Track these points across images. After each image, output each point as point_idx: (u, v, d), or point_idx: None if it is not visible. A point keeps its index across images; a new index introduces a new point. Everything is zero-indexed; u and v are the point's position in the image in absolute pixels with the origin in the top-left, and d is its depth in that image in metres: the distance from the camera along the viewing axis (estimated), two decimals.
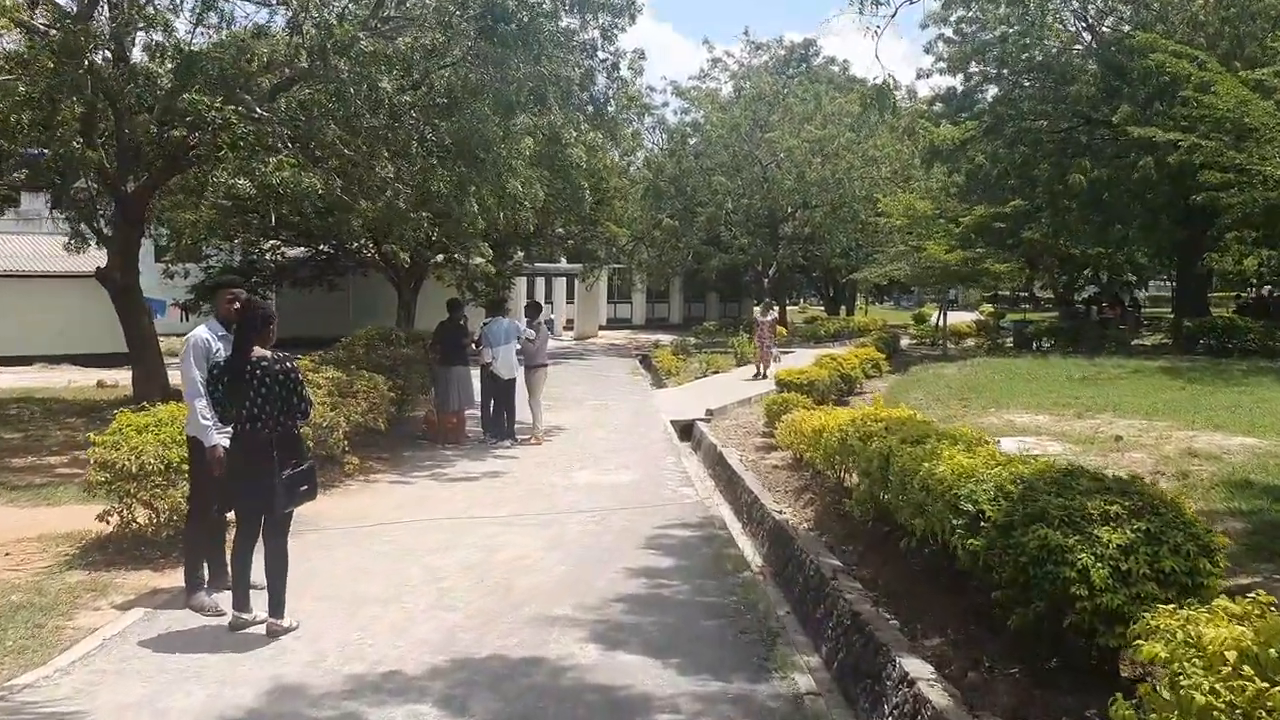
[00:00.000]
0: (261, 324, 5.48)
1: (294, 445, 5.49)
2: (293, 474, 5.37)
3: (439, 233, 23.87)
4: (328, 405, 9.33)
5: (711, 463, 12.36)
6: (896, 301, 74.72)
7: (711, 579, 6.73)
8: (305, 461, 5.52)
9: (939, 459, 6.15)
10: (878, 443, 7.45)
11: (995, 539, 4.65)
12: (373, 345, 13.43)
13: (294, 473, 5.38)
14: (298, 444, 5.55)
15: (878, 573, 6.94)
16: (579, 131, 12.93)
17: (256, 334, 5.47)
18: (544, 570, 6.82)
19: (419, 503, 9.02)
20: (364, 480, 9.95)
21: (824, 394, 15.46)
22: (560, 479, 10.41)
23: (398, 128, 10.89)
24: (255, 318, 5.47)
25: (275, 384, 5.35)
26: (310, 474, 5.50)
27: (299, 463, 5.45)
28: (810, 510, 9.12)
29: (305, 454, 5.61)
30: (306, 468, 5.48)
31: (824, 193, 32.87)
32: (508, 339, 12.59)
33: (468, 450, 12.24)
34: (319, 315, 29.56)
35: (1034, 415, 13.29)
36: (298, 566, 6.72)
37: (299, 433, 5.62)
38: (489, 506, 8.91)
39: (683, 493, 9.95)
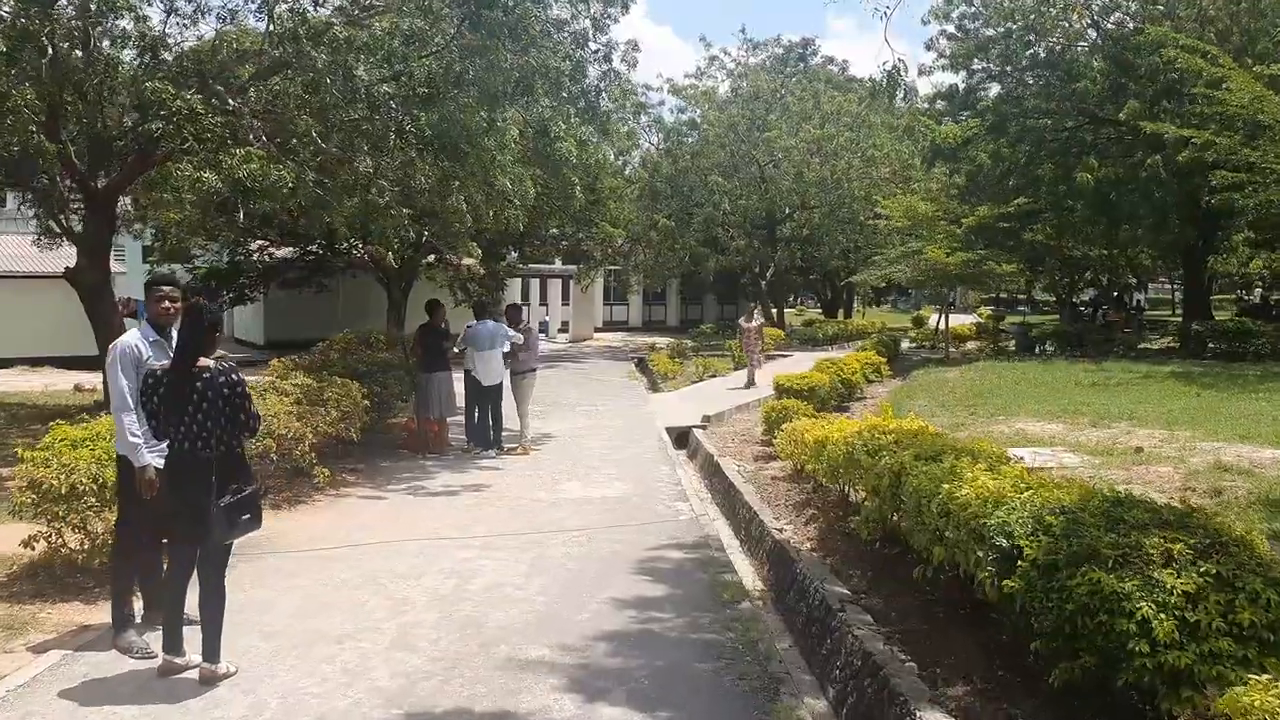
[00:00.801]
0: (208, 329, 4.80)
1: (237, 467, 4.83)
2: (234, 500, 4.71)
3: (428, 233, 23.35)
4: (294, 415, 8.67)
5: (708, 473, 11.73)
6: (894, 304, 74.13)
7: (707, 611, 6.07)
8: (249, 486, 4.85)
9: (960, 480, 5.51)
10: (888, 458, 6.81)
11: (1036, 581, 3.99)
12: (350, 349, 12.76)
13: (236, 499, 4.72)
14: (241, 466, 4.89)
15: (889, 602, 6.30)
16: (569, 125, 12.27)
17: (201, 340, 4.81)
18: (521, 601, 6.16)
19: (391, 521, 8.35)
20: (334, 495, 9.27)
21: (824, 400, 14.85)
22: (546, 494, 9.75)
23: (375, 119, 10.23)
24: (200, 321, 4.79)
25: (219, 398, 4.69)
26: (254, 500, 4.84)
27: (241, 487, 4.79)
28: (813, 528, 8.48)
29: (249, 477, 4.95)
30: (250, 493, 4.82)
31: (822, 193, 32.22)
32: (492, 343, 11.92)
33: (450, 461, 11.57)
34: (308, 317, 28.95)
35: (1045, 424, 12.66)
36: (247, 596, 6.08)
37: (243, 453, 4.96)
38: (466, 525, 8.24)
39: (677, 508, 9.30)
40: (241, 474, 4.85)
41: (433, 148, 11.19)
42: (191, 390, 4.64)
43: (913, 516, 6.03)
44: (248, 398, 4.81)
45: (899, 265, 28.09)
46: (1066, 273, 37.09)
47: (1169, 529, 3.94)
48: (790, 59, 42.18)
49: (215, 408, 4.67)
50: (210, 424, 4.66)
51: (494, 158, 11.74)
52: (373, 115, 10.58)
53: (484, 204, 13.74)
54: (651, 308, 45.35)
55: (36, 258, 20.24)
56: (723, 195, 32.46)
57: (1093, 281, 46.43)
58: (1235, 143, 17.40)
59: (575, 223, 28.38)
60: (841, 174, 31.65)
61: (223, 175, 9.54)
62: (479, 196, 13.28)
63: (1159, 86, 23.33)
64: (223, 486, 4.68)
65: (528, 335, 12.27)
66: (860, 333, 34.08)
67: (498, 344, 11.93)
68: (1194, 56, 18.13)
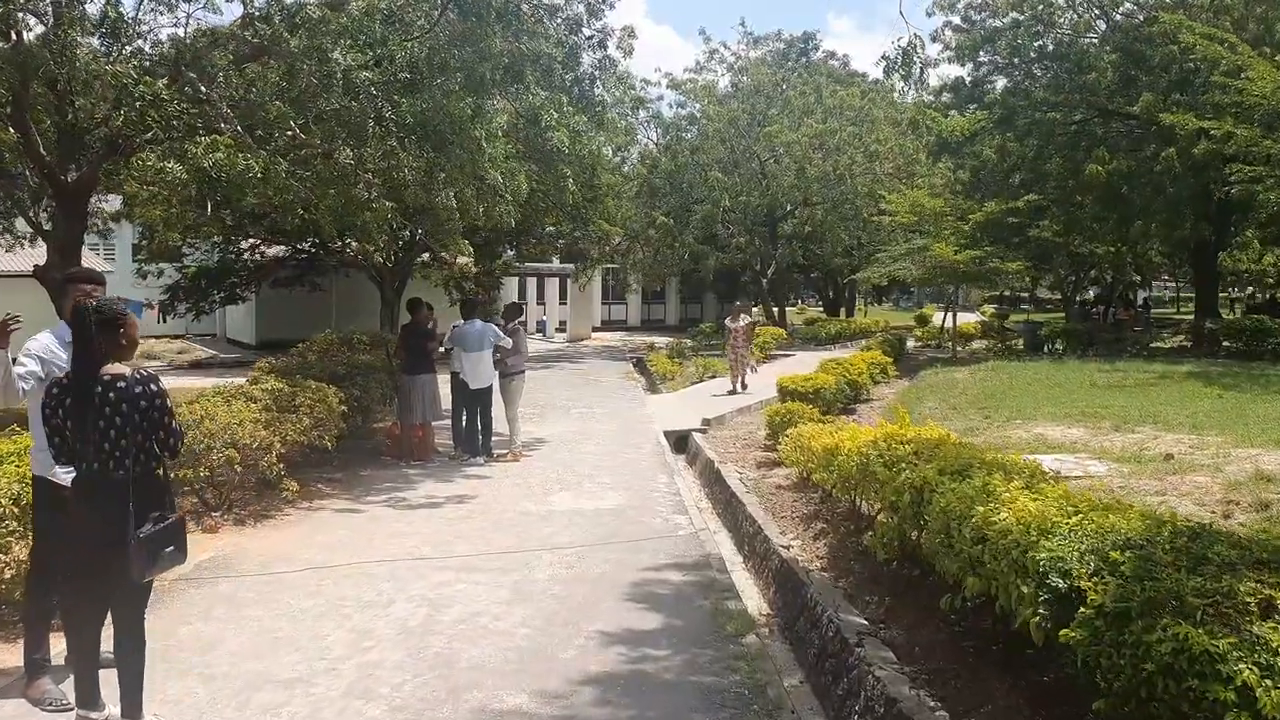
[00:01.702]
0: (106, 329, 4.07)
1: (157, 493, 4.15)
2: (155, 531, 4.02)
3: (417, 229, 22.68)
4: (261, 423, 8.00)
5: (709, 482, 11.07)
6: (896, 302, 73.48)
7: (709, 647, 5.40)
8: (171, 514, 4.17)
9: (996, 501, 4.84)
10: (909, 472, 6.14)
11: (1103, 632, 3.32)
12: (329, 351, 12.07)
13: (157, 529, 4.03)
14: (162, 491, 4.21)
15: (911, 634, 5.64)
16: (562, 114, 11.61)
17: (101, 343, 4.07)
18: (500, 635, 5.49)
19: (364, 538, 7.68)
20: (306, 508, 8.59)
21: (830, 403, 14.19)
22: (535, 505, 9.08)
23: (353, 106, 9.57)
24: (85, 322, 4.05)
25: (135, 411, 4.01)
26: (177, 531, 4.15)
27: (163, 515, 4.11)
28: (822, 544, 7.82)
29: (171, 504, 4.26)
30: (173, 522, 4.13)
31: (825, 189, 31.52)
32: (480, 344, 11.25)
33: (434, 469, 10.91)
34: (301, 317, 28.30)
35: (1065, 428, 11.98)
36: (191, 630, 5.42)
37: (166, 476, 4.28)
38: (446, 543, 7.57)
39: (675, 522, 8.63)
40: (163, 500, 4.18)
41: (415, 137, 10.53)
42: (102, 402, 3.96)
43: (939, 539, 5.36)
44: (168, 412, 4.13)
45: (903, 262, 27.43)
46: (1072, 270, 36.40)
47: (1265, 570, 3.28)
48: (792, 54, 41.51)
49: (130, 422, 3.99)
50: (125, 441, 3.97)
51: (482, 148, 11.08)
52: (350, 102, 9.92)
53: (474, 199, 13.09)
54: (650, 307, 44.68)
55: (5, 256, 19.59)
56: (723, 192, 31.78)
57: (1096, 279, 45.72)
58: (1255, 134, 16.74)
59: (571, 220, 27.72)
60: (844, 169, 30.95)
61: (188, 165, 8.86)
62: (469, 192, 12.63)
63: (1172, 77, 22.64)
64: (141, 514, 4.00)
65: (515, 336, 11.60)
66: (864, 331, 33.43)
67: (486, 345, 11.26)
68: (1213, 44, 17.46)
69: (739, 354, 18.18)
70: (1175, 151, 21.20)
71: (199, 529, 7.59)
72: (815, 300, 63.73)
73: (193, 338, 35.27)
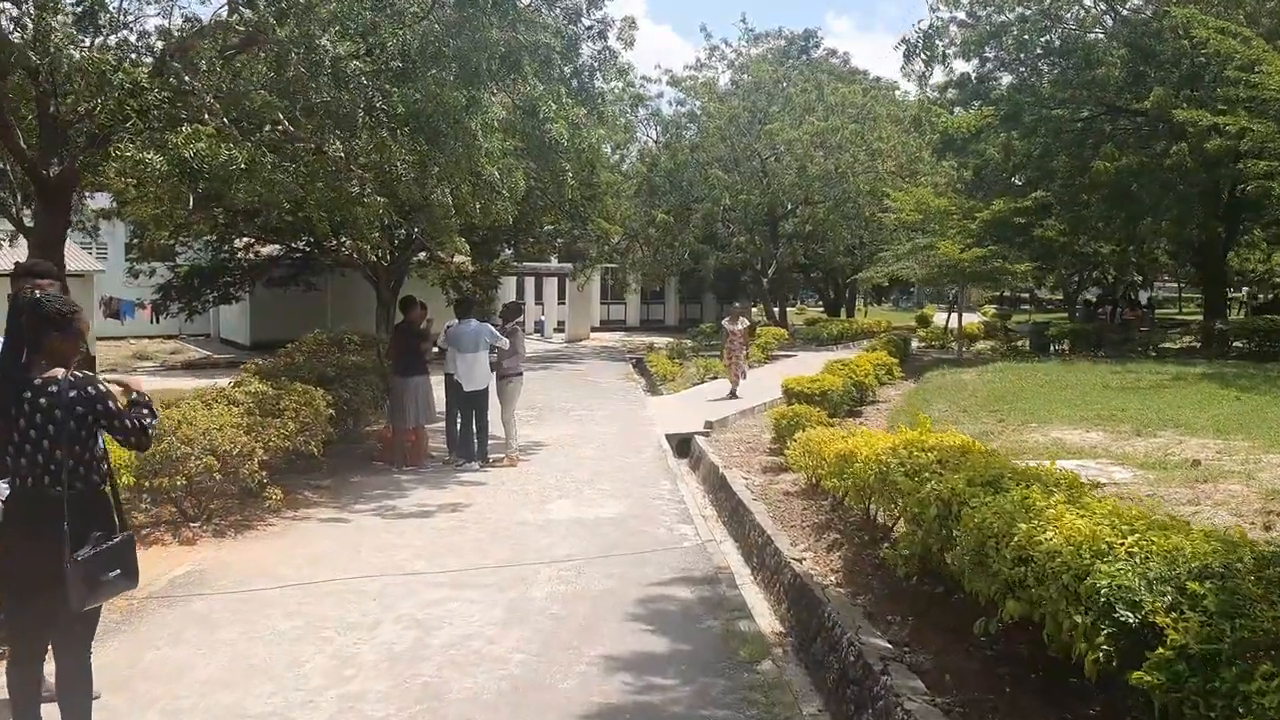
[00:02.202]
0: (44, 327, 3.59)
1: (100, 510, 3.69)
2: (96, 553, 3.56)
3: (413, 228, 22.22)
4: (243, 428, 7.56)
5: (713, 488, 10.63)
6: (896, 302, 73.05)
7: (721, 675, 4.96)
8: (116, 534, 3.71)
9: (1039, 517, 4.41)
10: (934, 483, 5.70)
11: (1185, 676, 2.89)
12: (318, 352, 11.62)
13: (98, 551, 3.58)
14: (106, 509, 3.75)
15: (940, 659, 5.21)
16: (560, 105, 11.17)
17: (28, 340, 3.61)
18: (494, 662, 5.04)
19: (351, 550, 7.23)
20: (291, 517, 8.14)
21: (836, 405, 13.76)
22: (533, 514, 8.64)
23: (343, 96, 9.13)
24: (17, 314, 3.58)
25: (70, 419, 3.56)
26: (123, 552, 3.68)
27: (106, 536, 3.66)
28: (837, 556, 7.39)
29: (116, 523, 3.79)
30: (118, 543, 3.66)
31: (827, 187, 31.07)
32: (475, 345, 10.81)
33: (428, 474, 10.46)
34: (295, 317, 27.82)
35: (1083, 432, 11.56)
36: (159, 656, 4.98)
37: (110, 491, 3.82)
38: (438, 555, 7.12)
39: (680, 532, 8.19)
40: (108, 519, 3.71)
41: (408, 129, 10.08)
42: (33, 409, 3.51)
43: (971, 556, 4.93)
44: (114, 416, 3.66)
45: (907, 262, 27.01)
46: (1076, 270, 35.99)
47: None
48: (793, 51, 41.06)
49: (66, 432, 3.53)
50: (60, 454, 3.52)
51: (477, 141, 10.63)
52: (339, 92, 9.46)
53: (470, 196, 12.65)
54: (650, 307, 44.20)
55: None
56: (723, 190, 31.35)
57: (1099, 280, 45.30)
58: (1271, 129, 16.32)
59: (570, 219, 27.28)
60: (846, 168, 30.51)
61: (168, 156, 8.41)
62: (465, 189, 12.20)
63: (1183, 73, 22.22)
64: (81, 534, 3.53)
65: (513, 338, 11.16)
66: (866, 332, 32.99)
67: (481, 345, 10.82)
68: (1226, 38, 17.04)
69: (736, 357, 17.64)
70: (1186, 148, 20.79)
71: (176, 541, 7.16)
72: (815, 300, 63.30)
73: (186, 338, 34.79)
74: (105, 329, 31.14)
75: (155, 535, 7.20)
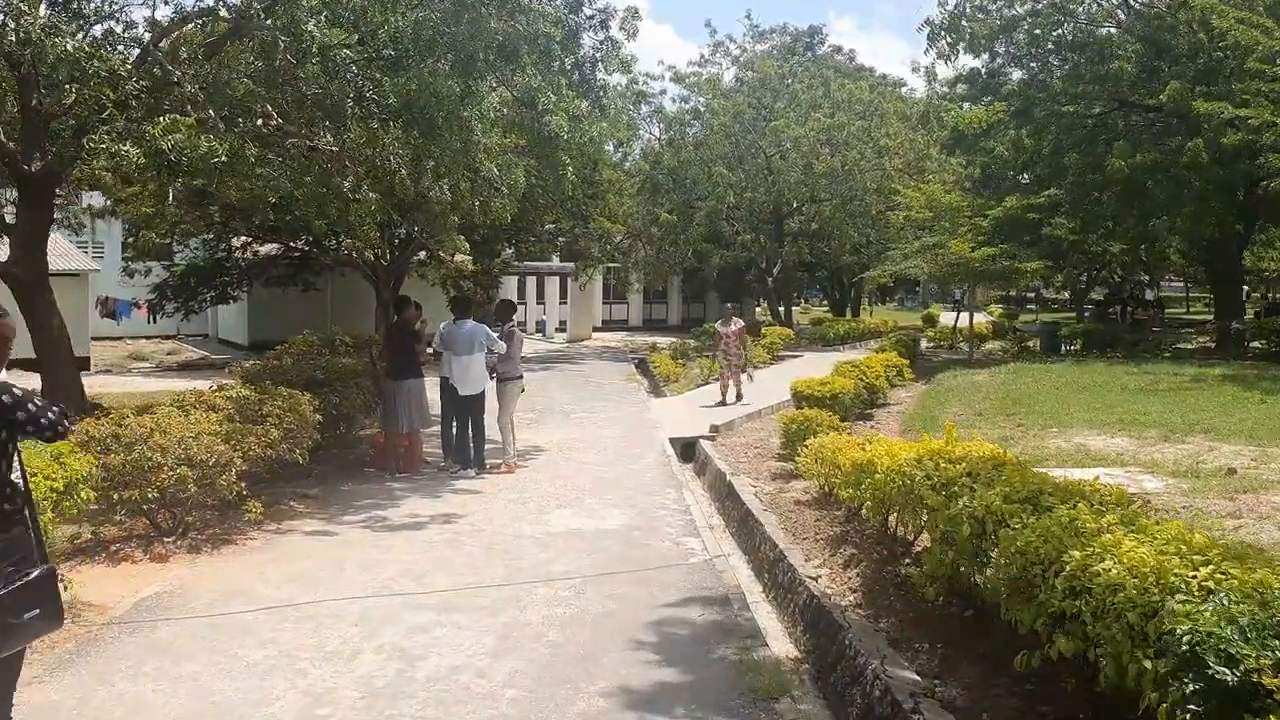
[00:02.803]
0: None
1: (14, 540, 3.21)
2: (10, 590, 3.08)
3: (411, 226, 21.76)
4: (221, 436, 7.08)
5: (720, 495, 10.15)
6: (901, 302, 72.55)
7: (736, 715, 4.48)
8: (34, 568, 3.24)
9: (1092, 543, 3.93)
10: (967, 500, 5.22)
11: None
12: (306, 354, 11.15)
13: (12, 588, 3.09)
14: (20, 538, 3.26)
15: (975, 694, 4.75)
16: (560, 96, 10.70)
17: None
18: (482, 699, 4.56)
19: (335, 567, 6.75)
20: (273, 530, 7.66)
21: (847, 408, 13.28)
22: (530, 525, 8.16)
23: (331, 85, 8.66)
24: None
25: None
26: (41, 588, 3.19)
27: (20, 571, 3.18)
28: (854, 573, 6.92)
29: (34, 553, 3.30)
30: (36, 578, 3.18)
31: (833, 185, 30.53)
32: (470, 347, 10.33)
33: (421, 482, 9.98)
34: (295, 317, 27.34)
35: (1108, 438, 11.06)
36: (112, 693, 4.51)
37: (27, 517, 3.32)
38: (427, 573, 6.64)
39: (687, 546, 7.71)
40: (23, 550, 3.23)
41: (401, 120, 9.61)
42: None
43: (1011, 583, 4.46)
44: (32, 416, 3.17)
45: (915, 260, 26.51)
46: (1085, 269, 35.47)
47: None
48: (798, 48, 40.51)
49: None
50: None
51: (473, 133, 10.15)
52: (329, 81, 9.00)
53: (469, 193, 12.19)
54: (652, 306, 43.68)
55: None
56: (727, 188, 30.85)
57: (1105, 279, 44.77)
58: None
59: (572, 217, 26.80)
60: (853, 165, 29.99)
61: (145, 148, 7.95)
62: (464, 185, 11.73)
63: (1199, 66, 21.70)
64: None
65: (510, 340, 10.68)
66: (873, 332, 32.49)
67: (477, 347, 10.34)
68: (1248, 29, 16.52)
69: (731, 361, 16.44)
70: (1201, 143, 20.28)
71: (147, 557, 6.68)
72: (820, 300, 62.77)
73: (184, 338, 34.36)
74: (101, 329, 30.75)
75: (125, 551, 6.73)
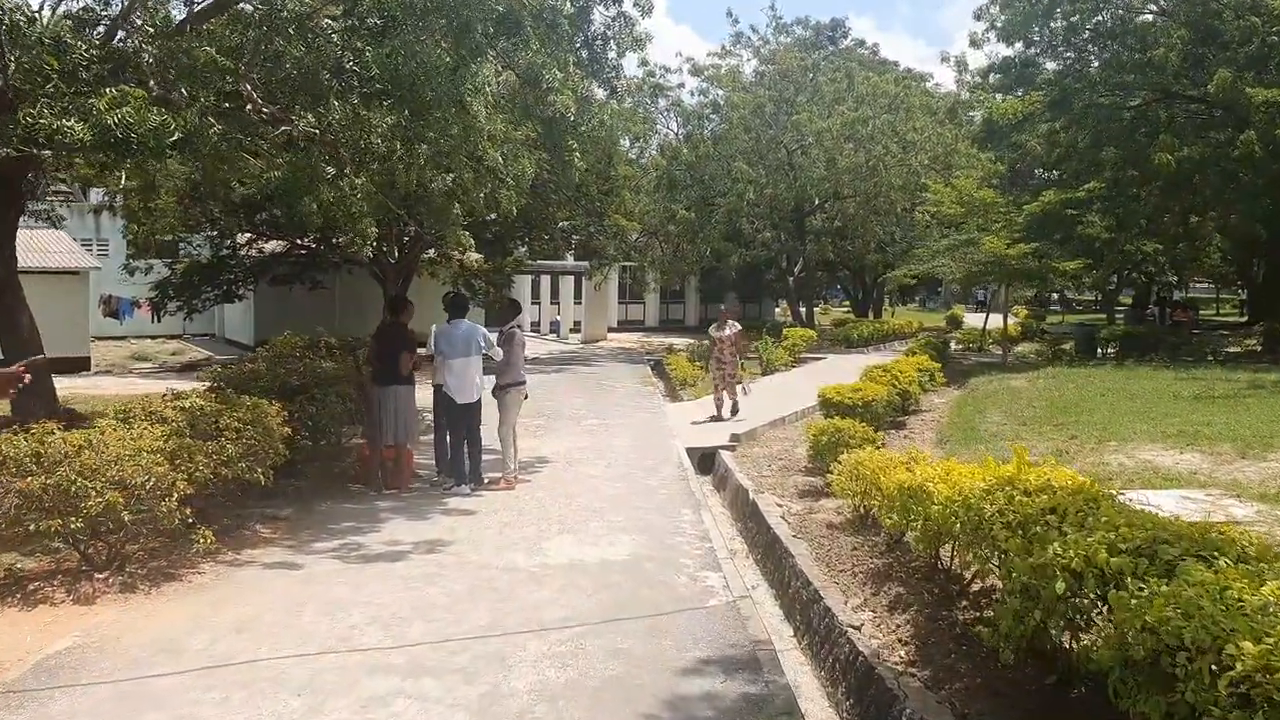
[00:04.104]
0: None
1: None
2: None
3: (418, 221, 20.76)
4: (164, 454, 6.08)
5: (742, 515, 9.11)
6: (922, 303, 71.19)
7: None
8: None
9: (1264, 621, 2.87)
10: (1059, 548, 4.15)
11: None
12: (283, 358, 10.14)
13: None
14: None
15: None
16: (567, 74, 9.67)
17: None
18: None
19: (291, 612, 5.71)
20: (229, 561, 6.64)
21: (879, 416, 12.20)
22: (525, 556, 7.12)
23: (306, 55, 7.67)
24: None
25: None
26: None
27: None
28: (904, 619, 5.85)
29: None
30: None
31: (857, 181, 29.37)
32: (466, 349, 9.30)
33: (409, 502, 8.95)
34: (302, 316, 26.41)
35: (1176, 453, 9.92)
36: None
37: None
38: (398, 622, 5.59)
39: (706, 583, 6.66)
40: None
41: (389, 98, 8.60)
42: None
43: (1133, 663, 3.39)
44: None
45: (942, 259, 25.33)
46: (1116, 269, 34.17)
47: None
48: (820, 41, 39.39)
49: None
50: None
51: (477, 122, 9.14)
52: (306, 53, 8.00)
53: (472, 183, 11.18)
54: (669, 306, 42.59)
55: None
56: (747, 184, 29.75)
57: (1133, 279, 43.38)
58: None
59: (586, 214, 25.76)
60: (877, 160, 28.83)
61: (91, 123, 6.97)
62: (468, 175, 10.72)
63: (1250, 52, 20.43)
64: None
65: (510, 345, 9.64)
66: (897, 333, 31.33)
67: (473, 350, 9.31)
68: None
69: (726, 370, 14.38)
70: (1254, 135, 19.04)
71: (70, 599, 5.67)
72: (839, 301, 61.46)
73: (190, 338, 33.56)
74: (104, 328, 30.02)
75: (45, 590, 5.72)
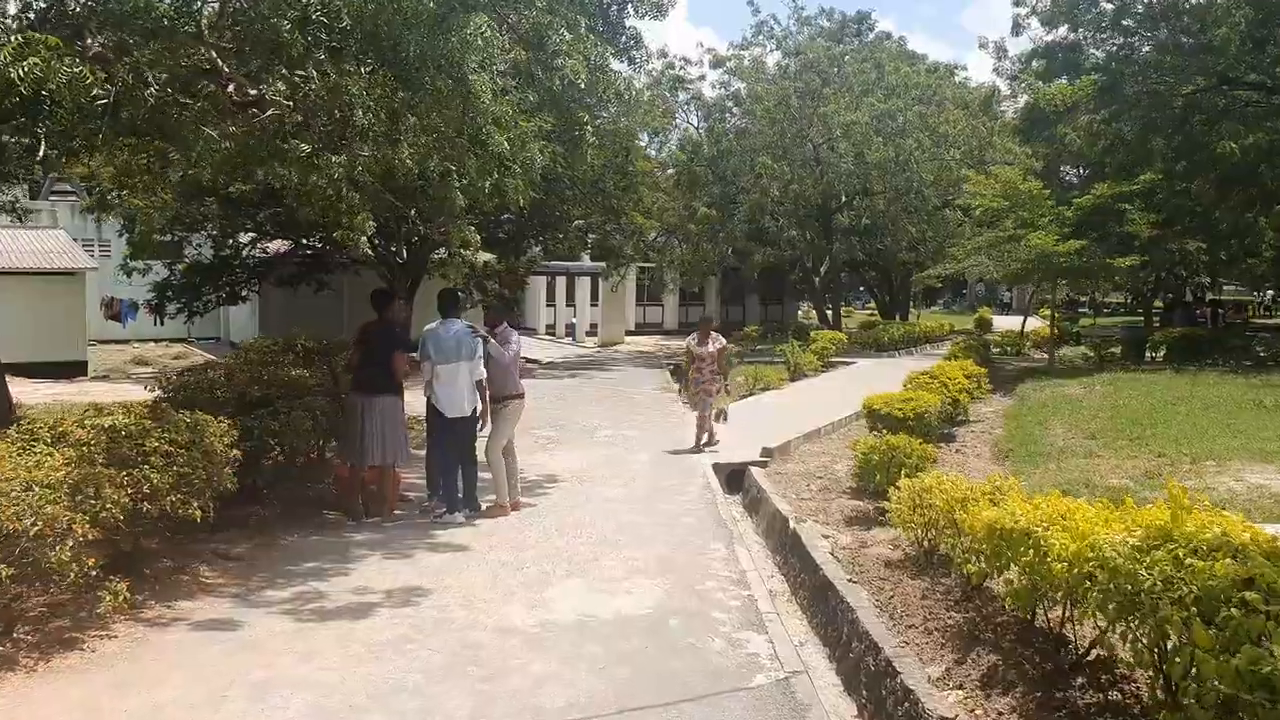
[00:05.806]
0: None
1: None
2: None
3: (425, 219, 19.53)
4: (62, 488, 4.77)
5: (782, 546, 7.73)
6: (947, 305, 69.50)
7: None
8: None
9: None
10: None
11: None
12: (245, 364, 8.83)
13: None
14: None
15: None
16: (576, 35, 8.38)
17: None
18: None
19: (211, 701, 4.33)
20: (150, 620, 5.30)
21: (932, 429, 10.84)
22: (523, 610, 5.76)
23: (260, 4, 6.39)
24: None
25: None
26: None
27: None
28: (1006, 702, 4.48)
29: None
30: None
31: (887, 176, 27.88)
32: (457, 353, 7.96)
33: (393, 532, 7.62)
34: (308, 318, 25.08)
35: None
36: None
37: None
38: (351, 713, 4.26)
39: (748, 648, 5.29)
40: None
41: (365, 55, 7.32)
42: None
43: None
44: None
45: (978, 258, 23.84)
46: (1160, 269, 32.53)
47: None
48: (845, 34, 37.90)
49: None
50: None
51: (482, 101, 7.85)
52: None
53: (476, 172, 9.88)
54: (689, 308, 41.12)
55: None
56: (772, 179, 28.31)
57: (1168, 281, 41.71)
58: None
59: (602, 211, 24.43)
60: (909, 154, 27.33)
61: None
62: (470, 161, 9.42)
63: None
64: None
65: (504, 348, 8.28)
66: (928, 336, 29.81)
67: (464, 354, 7.96)
68: None
69: (703, 390, 12.04)
70: None
71: None
72: (863, 304, 59.83)
73: (195, 341, 32.45)
74: (106, 331, 29.03)
75: None
